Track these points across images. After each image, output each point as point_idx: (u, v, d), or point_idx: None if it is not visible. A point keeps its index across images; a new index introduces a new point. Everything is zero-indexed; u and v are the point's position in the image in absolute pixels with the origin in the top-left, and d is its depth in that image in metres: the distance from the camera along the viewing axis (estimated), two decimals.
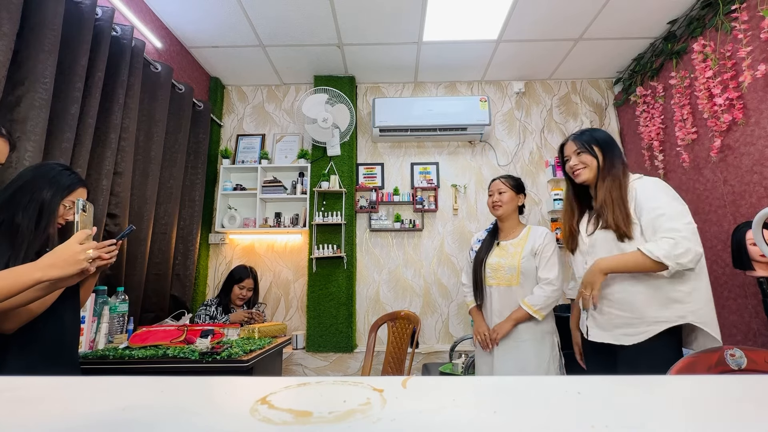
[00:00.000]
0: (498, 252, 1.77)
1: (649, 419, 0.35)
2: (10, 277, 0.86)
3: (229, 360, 1.50)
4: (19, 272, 0.88)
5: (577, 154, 1.44)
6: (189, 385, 0.45)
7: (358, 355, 2.90)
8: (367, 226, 3.20)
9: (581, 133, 1.46)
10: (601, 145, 1.41)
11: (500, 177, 1.85)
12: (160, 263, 2.49)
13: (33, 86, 1.55)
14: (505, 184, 1.80)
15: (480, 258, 1.81)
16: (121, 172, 2.08)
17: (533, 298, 1.63)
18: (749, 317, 2.14)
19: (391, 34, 2.78)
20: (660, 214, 1.23)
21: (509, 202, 1.78)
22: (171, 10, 2.54)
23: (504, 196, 1.77)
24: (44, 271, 0.89)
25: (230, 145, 3.37)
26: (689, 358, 1.02)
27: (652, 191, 1.29)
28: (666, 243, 1.18)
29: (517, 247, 1.73)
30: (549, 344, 1.63)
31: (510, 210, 1.78)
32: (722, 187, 2.30)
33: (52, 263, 0.90)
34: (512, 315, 1.65)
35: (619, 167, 1.38)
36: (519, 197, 1.81)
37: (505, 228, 1.82)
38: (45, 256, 0.92)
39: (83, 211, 1.02)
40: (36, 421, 0.35)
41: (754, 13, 2.06)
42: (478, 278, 1.80)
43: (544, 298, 1.61)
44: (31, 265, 0.89)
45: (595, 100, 3.40)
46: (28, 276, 0.88)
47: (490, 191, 1.84)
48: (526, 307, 1.62)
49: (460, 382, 0.44)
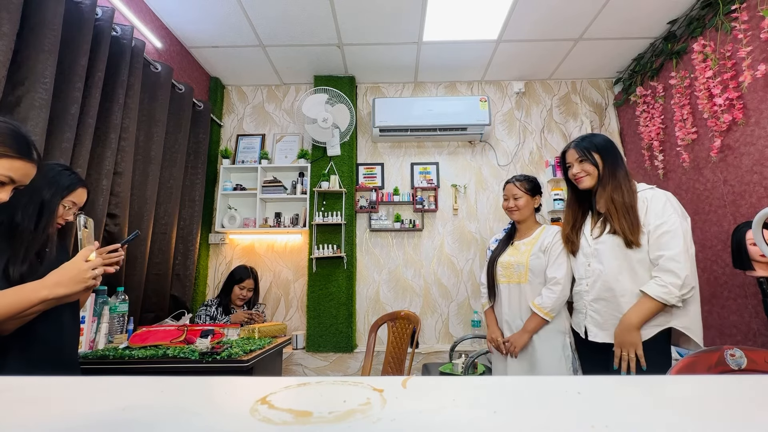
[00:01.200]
0: (511, 251, 1.78)
1: (649, 419, 0.35)
2: (16, 296, 0.87)
3: (229, 360, 1.50)
4: (26, 290, 0.89)
5: (579, 162, 1.46)
6: (189, 385, 0.45)
7: (358, 355, 2.90)
8: (367, 226, 3.20)
9: (582, 139, 1.48)
10: (601, 152, 1.43)
11: (515, 180, 1.80)
12: (160, 263, 2.49)
13: (33, 86, 1.55)
14: (520, 188, 1.76)
15: (494, 257, 1.82)
16: (121, 172, 2.08)
17: (542, 300, 1.60)
18: (749, 317, 2.14)
19: (391, 34, 2.78)
20: (665, 231, 1.29)
21: (525, 207, 1.75)
22: (171, 10, 2.54)
23: (520, 202, 1.75)
24: (51, 289, 0.90)
25: (230, 145, 3.37)
26: (689, 358, 1.02)
27: (662, 206, 1.33)
28: (672, 285, 1.24)
29: (528, 246, 1.73)
30: (561, 344, 1.61)
31: (527, 214, 1.77)
32: (722, 187, 2.30)
33: (58, 281, 0.91)
34: (528, 326, 1.62)
35: (620, 173, 1.40)
36: (535, 200, 1.78)
37: (521, 228, 1.81)
38: (51, 274, 0.93)
39: (85, 228, 1.03)
40: (36, 421, 0.35)
41: (754, 13, 2.06)
42: (491, 276, 1.80)
43: (554, 299, 1.59)
44: (38, 283, 0.91)
45: (595, 100, 3.40)
46: (35, 294, 0.89)
47: (505, 195, 1.80)
48: (537, 309, 1.60)
49: (460, 382, 0.44)
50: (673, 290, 1.23)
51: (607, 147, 1.44)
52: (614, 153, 1.44)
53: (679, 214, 1.31)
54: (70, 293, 0.93)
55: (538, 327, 1.61)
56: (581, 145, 1.46)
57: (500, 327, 1.76)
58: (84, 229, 1.03)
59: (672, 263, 1.25)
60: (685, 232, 1.28)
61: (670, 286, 1.24)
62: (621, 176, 1.40)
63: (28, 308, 0.89)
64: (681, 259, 1.24)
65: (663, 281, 1.25)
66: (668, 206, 1.32)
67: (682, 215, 1.32)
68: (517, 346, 1.62)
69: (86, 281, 0.95)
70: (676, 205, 1.34)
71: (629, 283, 1.34)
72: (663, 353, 1.30)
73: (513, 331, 1.70)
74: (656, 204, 1.34)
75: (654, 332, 1.29)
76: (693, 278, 1.25)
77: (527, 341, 1.62)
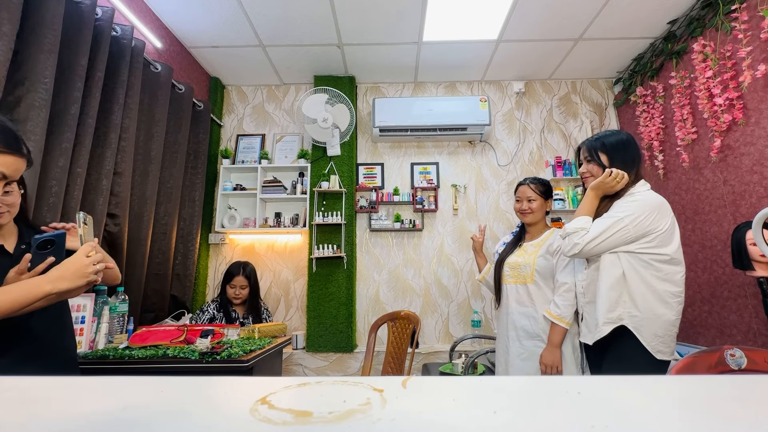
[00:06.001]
0: (518, 252, 1.78)
1: (649, 419, 0.35)
2: (19, 291, 0.88)
3: (229, 360, 1.50)
4: (29, 285, 0.90)
5: (587, 161, 1.47)
6: (189, 385, 0.45)
7: (358, 355, 2.90)
8: (367, 226, 3.20)
9: (596, 138, 1.47)
10: (609, 152, 1.42)
11: (529, 182, 1.78)
12: (160, 263, 2.49)
13: (33, 86, 1.55)
14: (534, 191, 1.75)
15: (501, 258, 1.82)
16: (121, 172, 2.08)
17: (560, 311, 1.57)
18: (749, 317, 2.14)
19: (391, 34, 2.78)
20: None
21: (538, 210, 1.75)
22: (171, 10, 2.54)
23: (534, 204, 1.74)
24: (54, 283, 0.91)
25: (230, 145, 3.37)
26: (689, 358, 1.02)
27: (619, 206, 1.36)
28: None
29: (536, 247, 1.73)
30: (570, 344, 1.61)
31: (539, 217, 1.77)
32: (722, 187, 2.30)
33: (61, 276, 0.92)
34: (554, 340, 1.57)
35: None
36: (548, 203, 1.77)
37: (531, 231, 1.80)
38: (54, 269, 0.94)
39: (85, 224, 1.03)
40: (36, 421, 0.35)
41: (754, 13, 2.06)
42: (497, 278, 1.80)
43: (570, 306, 1.57)
44: (41, 278, 0.92)
45: (595, 100, 3.40)
46: (39, 289, 0.90)
47: (518, 197, 1.79)
48: (557, 320, 1.56)
49: (460, 382, 0.44)
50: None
51: (618, 147, 1.42)
52: (624, 155, 1.40)
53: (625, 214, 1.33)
54: (72, 288, 0.94)
55: (563, 337, 1.58)
56: (592, 144, 1.46)
57: (505, 327, 1.75)
58: (84, 225, 1.03)
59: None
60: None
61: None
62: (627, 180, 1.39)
63: (31, 303, 0.89)
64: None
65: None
66: (618, 209, 1.35)
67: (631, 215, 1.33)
68: (557, 364, 1.56)
69: (88, 276, 0.96)
70: (629, 208, 1.34)
71: (597, 280, 1.39)
72: (631, 345, 1.30)
73: (517, 331, 1.69)
74: (620, 205, 1.37)
75: (608, 329, 1.32)
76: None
77: (560, 354, 1.58)
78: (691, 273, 2.47)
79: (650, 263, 1.30)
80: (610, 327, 1.31)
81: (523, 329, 1.68)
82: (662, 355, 1.27)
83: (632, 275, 1.31)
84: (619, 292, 1.32)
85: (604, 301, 1.33)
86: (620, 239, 1.30)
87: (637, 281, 1.30)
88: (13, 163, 0.92)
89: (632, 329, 1.28)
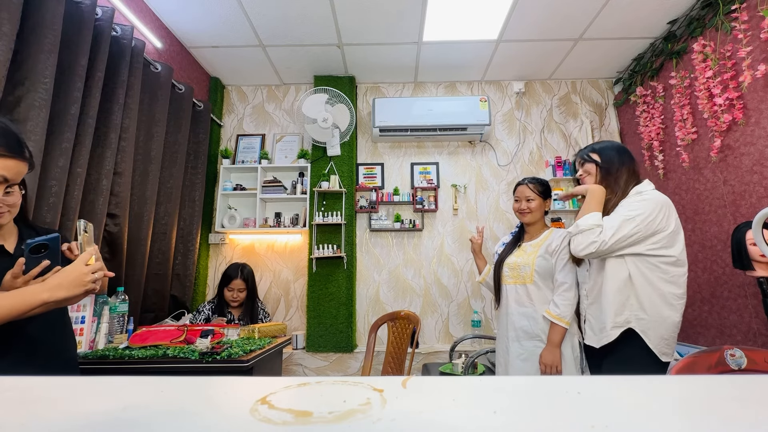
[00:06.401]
0: (518, 252, 1.78)
1: (649, 419, 0.35)
2: (16, 299, 0.88)
3: (229, 360, 1.50)
4: (27, 293, 0.89)
5: (581, 165, 1.51)
6: (189, 385, 0.45)
7: (358, 355, 2.90)
8: (367, 226, 3.20)
9: (585, 147, 1.55)
10: (598, 151, 1.47)
11: (527, 181, 1.79)
12: (160, 263, 2.49)
13: (33, 86, 1.55)
14: (533, 190, 1.75)
15: (501, 258, 1.82)
16: (121, 172, 2.08)
17: (560, 310, 1.57)
18: (749, 317, 2.14)
19: (391, 34, 2.78)
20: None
21: (537, 209, 1.75)
22: (171, 10, 2.54)
23: (533, 204, 1.74)
24: (52, 292, 0.90)
25: (230, 145, 3.37)
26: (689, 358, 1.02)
27: (629, 205, 1.35)
28: None
29: (535, 247, 1.73)
30: (570, 345, 1.60)
31: (538, 216, 1.77)
32: (722, 187, 2.30)
33: (59, 284, 0.92)
34: (554, 339, 1.57)
35: (616, 174, 1.41)
36: (546, 202, 1.78)
37: (530, 231, 1.81)
38: (53, 277, 0.93)
39: (85, 232, 1.03)
40: (36, 421, 0.35)
41: (754, 13, 2.06)
42: (497, 278, 1.81)
43: (569, 306, 1.57)
44: (39, 286, 0.91)
45: (595, 100, 3.40)
46: (36, 297, 0.89)
47: (517, 197, 1.80)
48: (557, 320, 1.56)
49: (460, 382, 0.44)
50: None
51: (605, 147, 1.47)
52: (613, 153, 1.45)
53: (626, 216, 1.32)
54: (70, 296, 0.93)
55: (563, 336, 1.58)
56: (583, 150, 1.52)
57: (505, 328, 1.75)
58: (84, 233, 1.03)
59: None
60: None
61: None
62: (618, 176, 1.40)
63: (28, 311, 0.89)
64: None
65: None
66: (622, 212, 1.35)
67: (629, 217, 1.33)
68: (556, 364, 1.57)
69: (86, 285, 0.95)
70: (629, 210, 1.34)
71: (604, 283, 1.38)
72: (636, 347, 1.30)
73: (517, 332, 1.69)
74: (625, 207, 1.36)
75: (616, 333, 1.32)
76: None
77: (560, 354, 1.58)
78: (691, 273, 2.47)
79: (657, 265, 1.29)
80: (618, 331, 1.31)
81: (523, 330, 1.67)
82: (666, 357, 1.27)
83: (638, 278, 1.30)
84: (626, 295, 1.32)
85: (611, 305, 1.33)
86: (634, 238, 1.29)
87: (644, 283, 1.30)
88: (15, 166, 0.92)
89: (639, 332, 1.28)
